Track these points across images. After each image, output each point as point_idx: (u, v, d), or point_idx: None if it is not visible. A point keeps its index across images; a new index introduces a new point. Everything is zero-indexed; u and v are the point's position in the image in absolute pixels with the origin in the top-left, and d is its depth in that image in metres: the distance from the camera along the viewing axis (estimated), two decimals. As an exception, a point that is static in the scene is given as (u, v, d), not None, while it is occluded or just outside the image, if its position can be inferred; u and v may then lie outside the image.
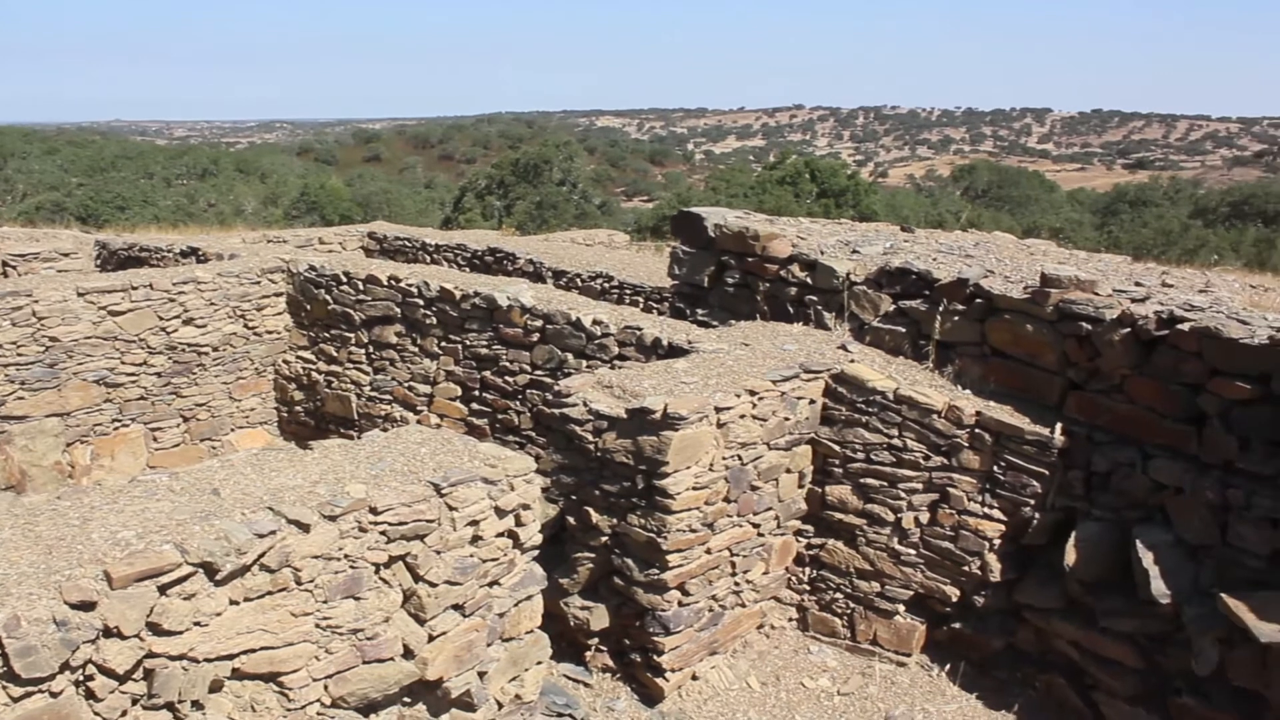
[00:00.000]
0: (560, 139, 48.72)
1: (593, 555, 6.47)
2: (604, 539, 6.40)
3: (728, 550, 6.58)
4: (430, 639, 4.77)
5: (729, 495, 6.46)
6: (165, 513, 4.15)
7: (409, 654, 4.70)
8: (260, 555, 4.08)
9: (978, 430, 6.39)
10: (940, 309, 7.01)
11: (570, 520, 6.55)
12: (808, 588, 7.13)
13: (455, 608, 4.87)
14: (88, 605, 3.62)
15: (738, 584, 6.78)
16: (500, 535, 5.02)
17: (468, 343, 9.27)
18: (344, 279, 10.31)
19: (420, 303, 9.65)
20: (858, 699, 6.49)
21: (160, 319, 10.04)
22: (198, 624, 3.94)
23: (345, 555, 4.37)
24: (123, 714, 3.83)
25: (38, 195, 38.88)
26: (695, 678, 6.55)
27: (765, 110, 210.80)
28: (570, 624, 6.51)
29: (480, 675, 5.08)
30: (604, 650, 6.58)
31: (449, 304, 9.40)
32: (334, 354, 10.53)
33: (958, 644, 6.69)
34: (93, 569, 3.70)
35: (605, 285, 11.41)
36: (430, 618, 4.74)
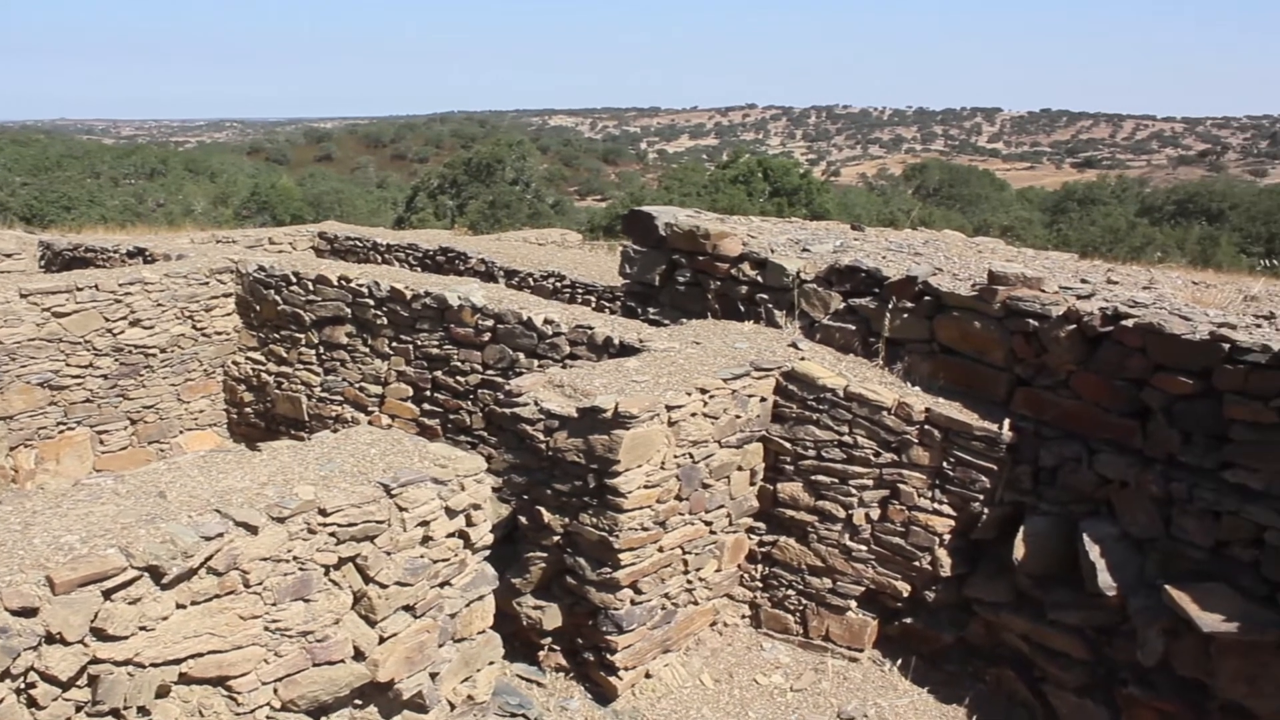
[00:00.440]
0: (513, 138, 48.42)
1: (545, 555, 6.46)
2: (556, 538, 6.40)
3: (680, 548, 6.60)
4: (381, 640, 4.74)
5: (681, 493, 6.47)
6: (110, 516, 4.09)
7: (360, 656, 4.67)
8: (207, 558, 4.03)
9: (927, 427, 6.45)
10: (889, 307, 7.07)
11: (522, 520, 6.54)
12: (760, 585, 7.17)
13: (406, 609, 4.85)
14: (29, 611, 3.57)
15: (690, 582, 6.80)
16: (451, 535, 5.01)
17: (419, 343, 9.22)
18: (294, 279, 10.21)
19: (371, 303, 9.59)
20: (810, 695, 6.54)
21: (106, 320, 9.88)
22: (143, 629, 3.89)
23: (294, 557, 4.34)
24: (66, 721, 3.77)
25: (-21, 195, 38.09)
26: (649, 676, 6.56)
27: (718, 109, 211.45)
28: (523, 624, 6.50)
29: (432, 676, 5.06)
30: (557, 650, 6.58)
31: (400, 304, 9.34)
32: (284, 355, 10.42)
33: (909, 639, 6.75)
34: (35, 574, 3.64)
35: (557, 284, 11.40)
36: (381, 619, 4.71)
